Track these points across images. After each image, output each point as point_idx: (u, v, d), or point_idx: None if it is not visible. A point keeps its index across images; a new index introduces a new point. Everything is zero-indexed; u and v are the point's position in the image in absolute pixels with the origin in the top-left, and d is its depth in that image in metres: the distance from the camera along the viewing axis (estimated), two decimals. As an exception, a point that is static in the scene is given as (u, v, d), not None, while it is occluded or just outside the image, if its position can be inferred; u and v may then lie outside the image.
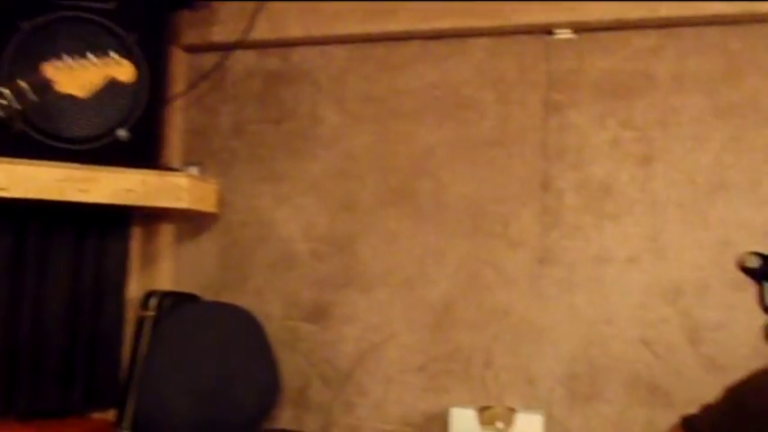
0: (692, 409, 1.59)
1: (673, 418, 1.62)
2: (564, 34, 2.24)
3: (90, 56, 1.57)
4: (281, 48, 2.51)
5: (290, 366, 2.39)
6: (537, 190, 2.22)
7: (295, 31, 2.43)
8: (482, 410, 2.12)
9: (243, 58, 2.54)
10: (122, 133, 2.15)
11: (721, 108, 2.10)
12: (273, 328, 2.36)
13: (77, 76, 1.55)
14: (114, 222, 2.44)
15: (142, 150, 2.22)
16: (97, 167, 2.11)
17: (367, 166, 2.40)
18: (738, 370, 1.54)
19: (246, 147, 2.53)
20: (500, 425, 2.06)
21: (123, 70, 1.61)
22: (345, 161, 2.42)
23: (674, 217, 2.10)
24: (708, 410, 1.62)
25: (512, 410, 2.10)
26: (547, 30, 2.24)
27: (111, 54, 1.60)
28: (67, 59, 1.54)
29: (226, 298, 2.47)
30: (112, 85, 1.61)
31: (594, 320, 2.15)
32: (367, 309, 2.35)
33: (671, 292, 2.09)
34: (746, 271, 0.84)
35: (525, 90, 2.26)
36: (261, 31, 2.43)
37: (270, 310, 2.43)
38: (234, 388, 2.19)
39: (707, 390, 1.59)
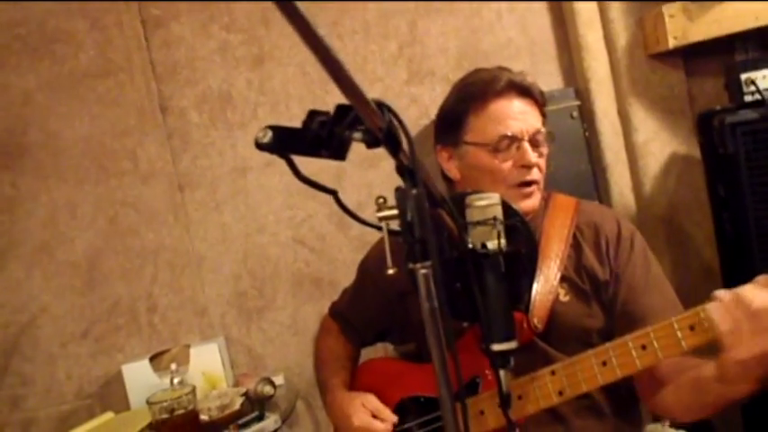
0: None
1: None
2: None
3: None
4: None
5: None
6: (157, 115, 2.07)
7: None
8: (154, 358, 1.99)
9: None
10: None
11: (316, -5, 2.09)
12: None
13: None
14: None
15: None
16: None
17: (-43, 130, 2.06)
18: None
19: None
20: (174, 366, 1.95)
21: None
22: (-73, 130, 2.05)
23: (296, 112, 2.09)
24: (346, 291, 1.66)
25: (186, 347, 2.00)
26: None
27: None
28: None
29: None
30: None
31: (247, 233, 2.10)
32: (4, 289, 2.06)
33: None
34: (263, 147, 0.78)
35: (119, 11, 2.07)
36: None
37: None
38: None
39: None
